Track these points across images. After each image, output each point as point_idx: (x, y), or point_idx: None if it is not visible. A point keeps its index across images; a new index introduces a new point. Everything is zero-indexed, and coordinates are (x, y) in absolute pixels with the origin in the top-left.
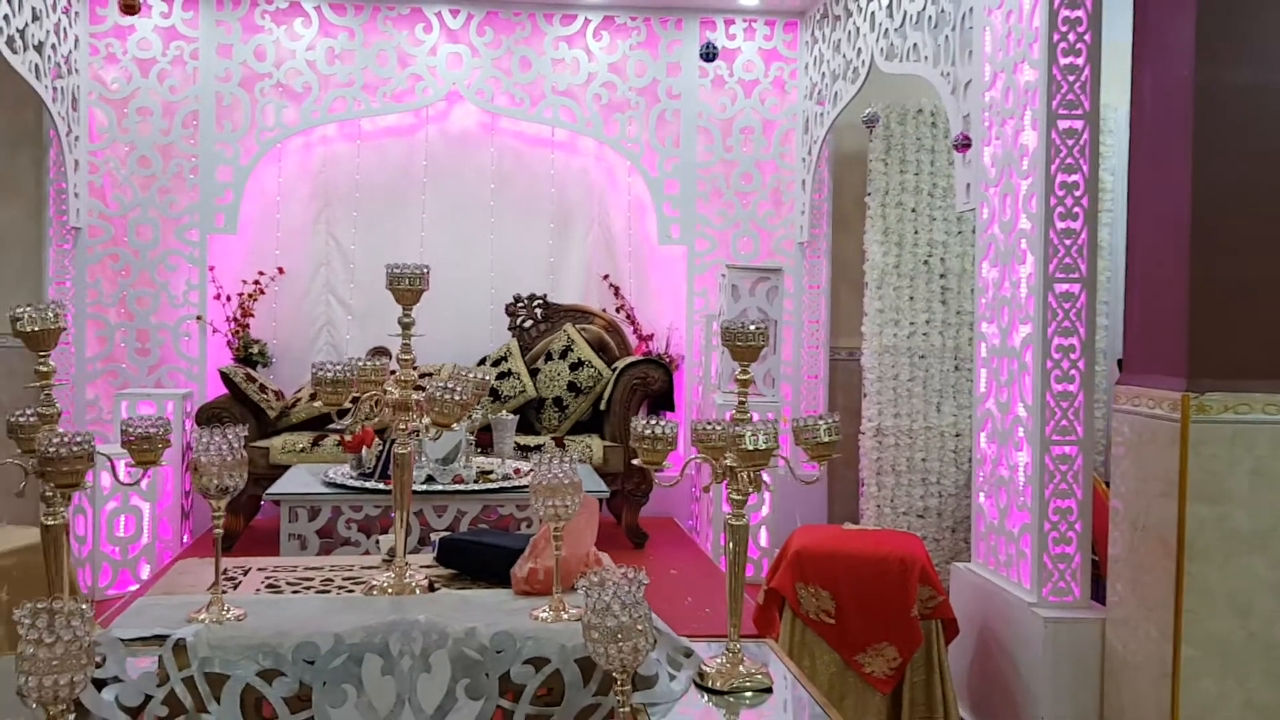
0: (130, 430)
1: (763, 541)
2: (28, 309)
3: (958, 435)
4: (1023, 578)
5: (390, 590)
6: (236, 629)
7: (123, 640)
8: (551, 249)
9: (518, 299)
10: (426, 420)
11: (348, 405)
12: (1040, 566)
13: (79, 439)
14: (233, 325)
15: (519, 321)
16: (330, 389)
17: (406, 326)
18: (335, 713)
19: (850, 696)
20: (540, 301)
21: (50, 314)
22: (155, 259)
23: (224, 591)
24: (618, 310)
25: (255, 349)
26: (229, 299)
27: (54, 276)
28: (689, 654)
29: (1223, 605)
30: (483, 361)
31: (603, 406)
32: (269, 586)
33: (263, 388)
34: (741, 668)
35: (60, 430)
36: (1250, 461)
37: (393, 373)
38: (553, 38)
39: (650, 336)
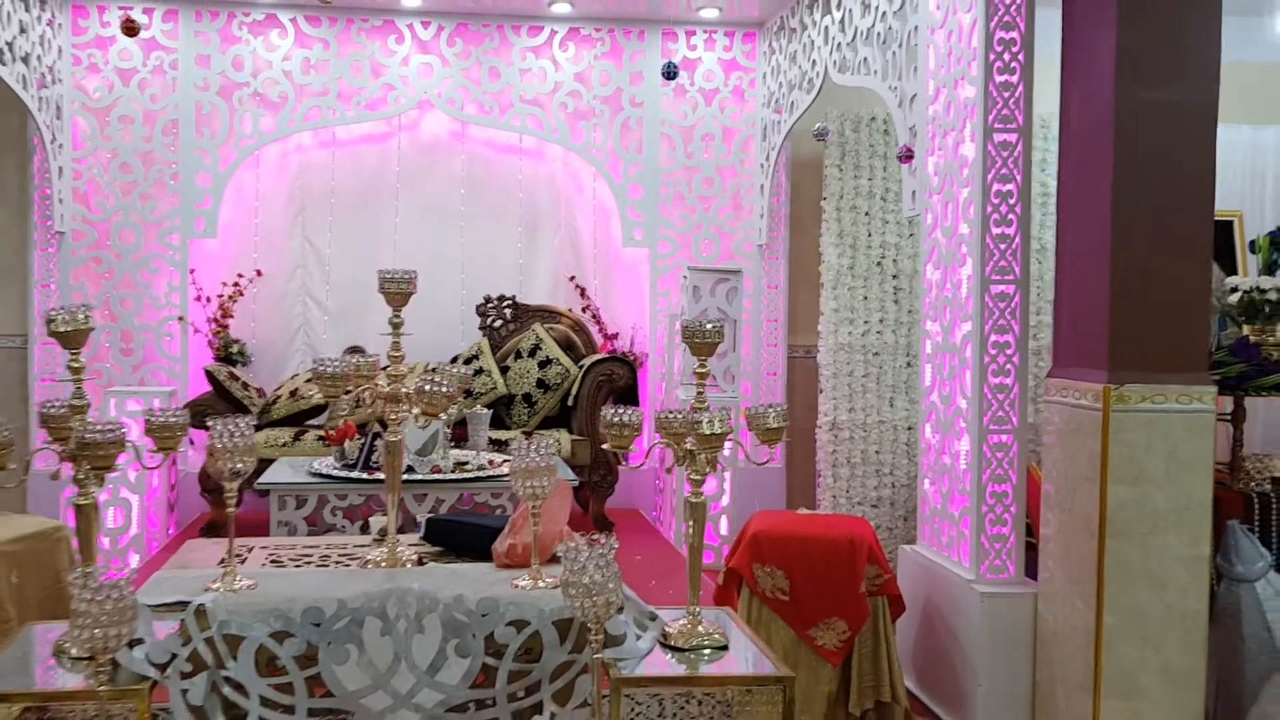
0: (153, 420)
1: (723, 529)
2: (61, 311)
3: (909, 429)
4: (963, 557)
5: (384, 564)
6: (249, 596)
7: (149, 606)
8: (520, 252)
9: (488, 300)
10: (416, 410)
11: (343, 397)
12: (978, 546)
13: (112, 427)
14: (213, 326)
15: (489, 321)
16: (329, 382)
17: (396, 326)
18: (340, 669)
19: (803, 667)
20: (510, 302)
21: (81, 315)
22: (138, 262)
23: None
24: (584, 310)
25: (235, 348)
26: (209, 300)
27: (39, 280)
28: (654, 617)
29: (1142, 579)
30: (455, 360)
31: (570, 402)
32: (273, 562)
33: (245, 385)
34: (700, 628)
35: (92, 419)
36: (1166, 447)
37: (384, 368)
38: (520, 48)
39: (615, 335)
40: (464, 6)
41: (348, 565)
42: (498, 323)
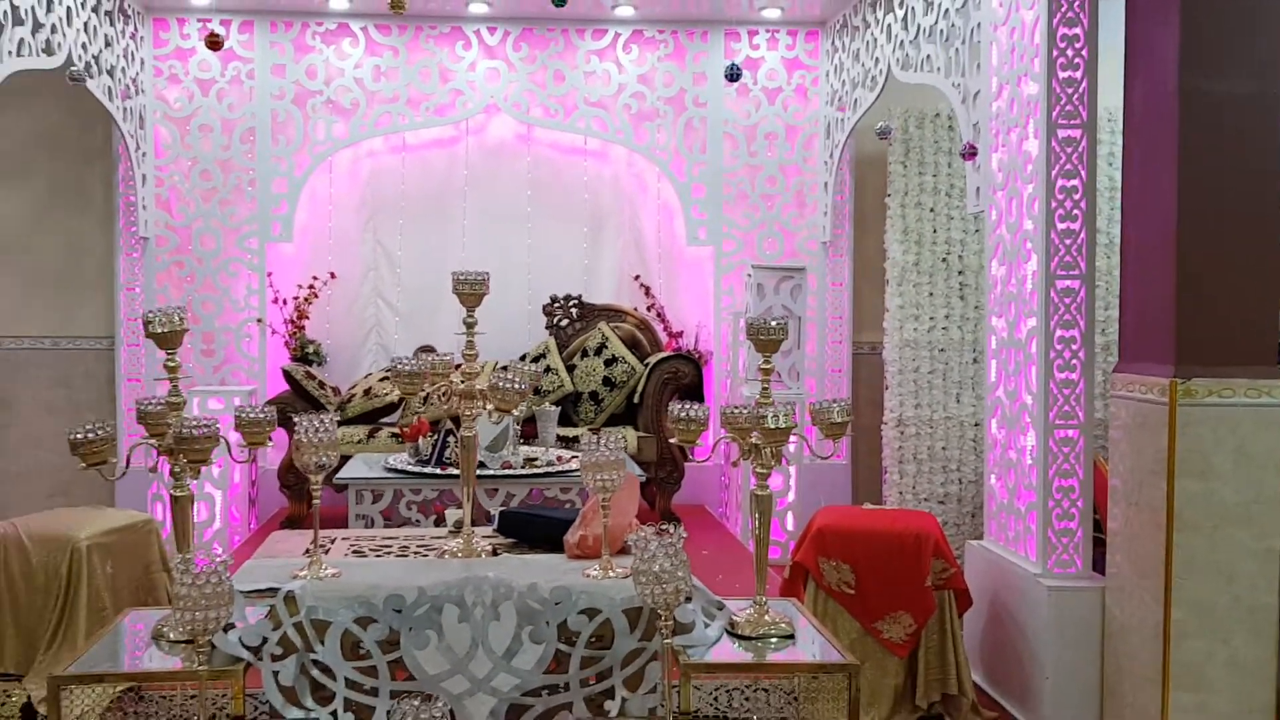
0: (243, 416)
1: (789, 525)
2: (157, 313)
3: (976, 424)
4: (1029, 552)
5: (460, 554)
6: (335, 584)
7: (241, 592)
8: (585, 252)
9: (554, 299)
10: (490, 406)
11: (421, 394)
12: (1045, 541)
13: (208, 423)
14: (289, 327)
15: (556, 321)
16: (407, 380)
17: (470, 326)
18: (420, 654)
19: (870, 660)
20: (575, 302)
21: (177, 318)
22: (217, 266)
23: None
24: (648, 309)
25: (310, 348)
26: (285, 303)
27: (124, 283)
28: (721, 607)
29: (1209, 572)
30: (523, 358)
31: (636, 400)
32: (354, 552)
33: (321, 384)
34: (767, 617)
35: (188, 416)
36: (1234, 441)
37: (458, 366)
38: (585, 51)
39: (679, 333)
40: (529, 11)
41: (425, 555)
42: (564, 322)
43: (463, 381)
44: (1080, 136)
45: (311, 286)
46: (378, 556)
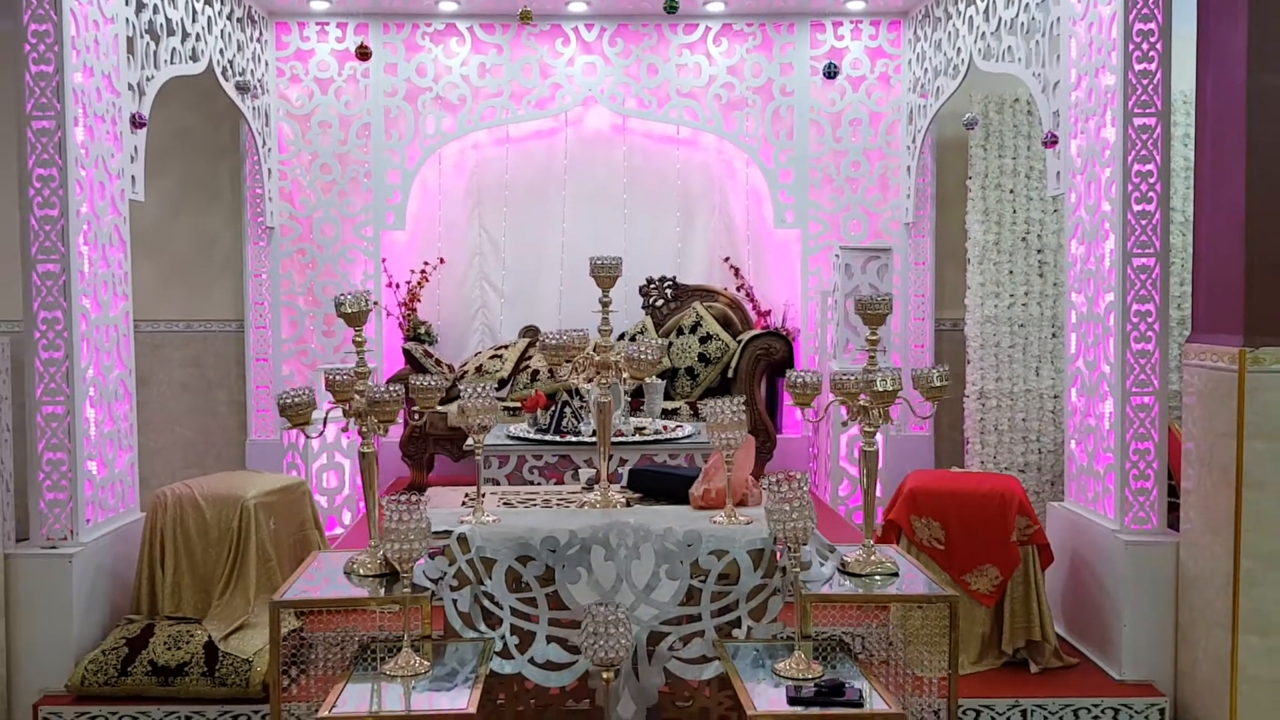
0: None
1: (877, 491)
2: (348, 296)
3: (1055, 397)
4: (1108, 510)
5: (598, 505)
6: (497, 528)
7: None
8: (678, 235)
9: (650, 281)
10: (625, 374)
11: (566, 365)
12: (1122, 500)
13: (394, 390)
14: (403, 309)
15: (651, 301)
16: (554, 352)
17: (605, 305)
18: (572, 588)
19: (960, 613)
20: (670, 282)
21: (364, 300)
22: (336, 254)
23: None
24: (738, 289)
25: (422, 329)
26: (399, 286)
27: (252, 270)
28: (833, 550)
29: (1276, 525)
30: (621, 337)
31: (730, 375)
32: (505, 504)
33: (438, 361)
34: (874, 558)
35: (373, 384)
36: None
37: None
38: (677, 45)
39: (768, 312)
40: (624, 9)
41: (566, 507)
42: (659, 302)
43: (597, 354)
44: (1155, 124)
45: (423, 271)
46: (526, 508)
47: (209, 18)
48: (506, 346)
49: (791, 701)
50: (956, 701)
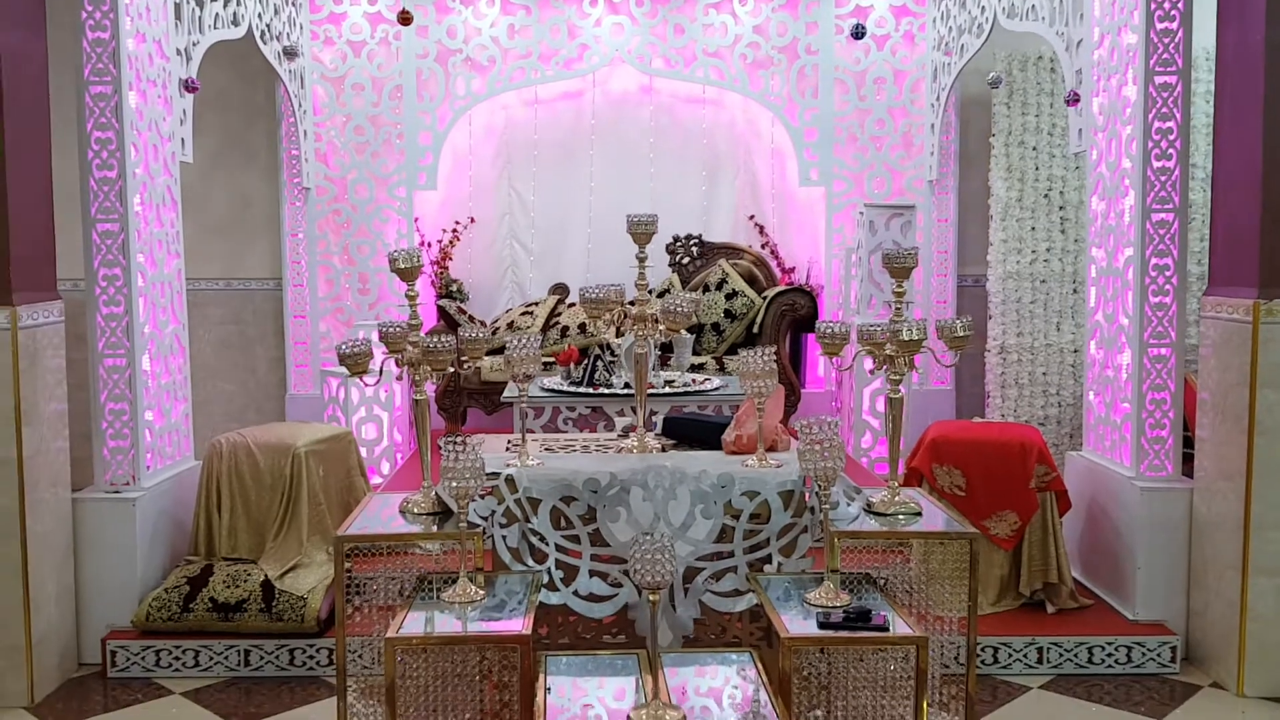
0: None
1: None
2: (401, 252)
3: (1075, 351)
4: (1124, 458)
5: (636, 450)
6: (541, 470)
7: None
8: (704, 194)
9: (676, 239)
10: (662, 326)
11: (603, 319)
12: (1139, 448)
13: (446, 341)
14: (435, 267)
15: (678, 258)
16: (593, 306)
17: (641, 260)
18: (613, 526)
19: (979, 554)
20: (696, 240)
21: (416, 256)
22: (370, 213)
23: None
24: (763, 247)
25: (454, 286)
26: (431, 245)
27: (289, 230)
28: (859, 491)
29: None
30: (653, 294)
31: (755, 330)
32: (546, 450)
33: (471, 318)
34: (898, 499)
35: (424, 335)
36: None
37: (633, 300)
38: (703, 5)
39: (792, 269)
40: None
41: (605, 452)
42: (685, 259)
43: (636, 307)
44: (1175, 82)
45: (454, 230)
46: (566, 453)
47: None
48: (537, 303)
49: (822, 626)
50: (976, 635)
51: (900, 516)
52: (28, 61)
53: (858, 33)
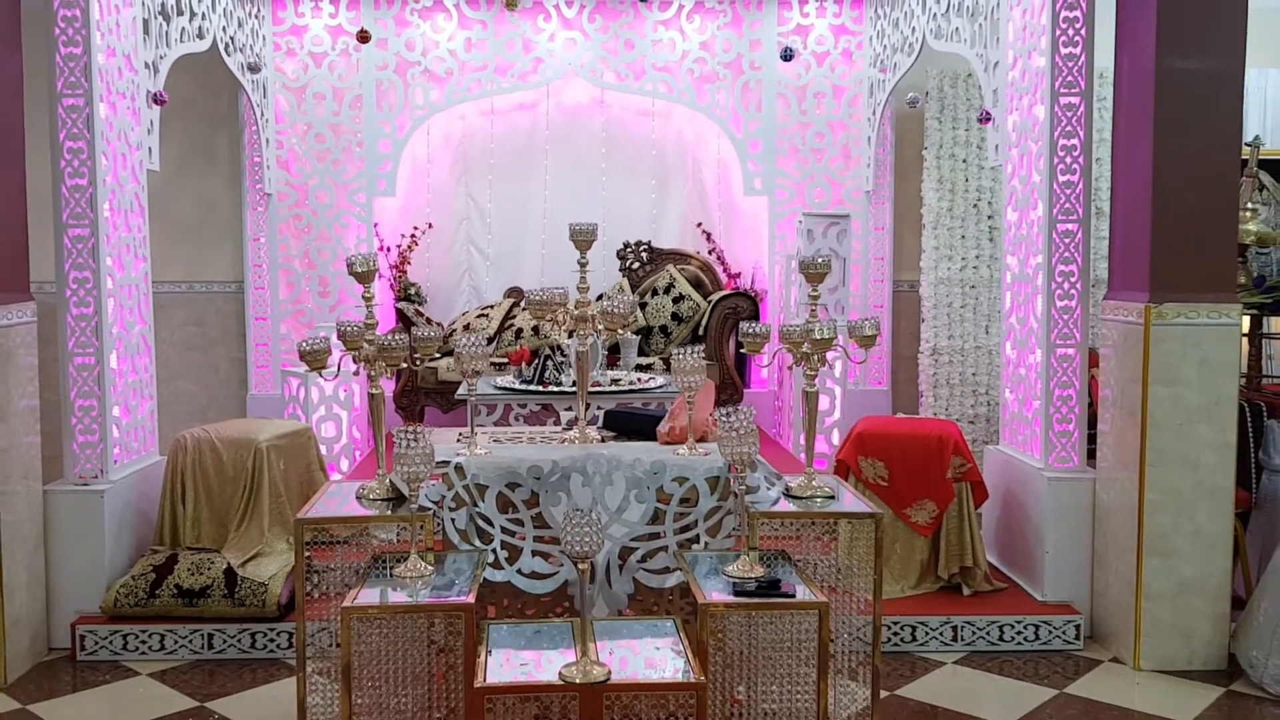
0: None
1: (835, 440)
2: (358, 257)
3: None
4: (1034, 451)
5: (577, 440)
6: (488, 459)
7: None
8: (653, 202)
9: (626, 245)
10: (601, 326)
11: (548, 320)
12: (1047, 441)
13: (400, 339)
14: (394, 271)
15: (628, 264)
16: (539, 308)
17: (583, 265)
18: (554, 510)
19: (900, 540)
20: (645, 246)
21: (372, 261)
22: (331, 219)
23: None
24: (709, 253)
25: (412, 290)
26: (390, 250)
27: (251, 234)
28: (779, 477)
29: (1176, 461)
30: (599, 298)
31: (701, 332)
32: (495, 441)
33: (428, 320)
34: (815, 483)
35: (380, 334)
36: (1198, 354)
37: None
38: (652, 22)
39: (738, 274)
40: None
41: (549, 443)
42: (635, 264)
43: (578, 309)
44: (1079, 103)
45: (412, 235)
46: (513, 443)
47: None
48: (492, 306)
49: (736, 594)
50: (881, 608)
51: (816, 499)
52: (4, 76)
53: (786, 56)
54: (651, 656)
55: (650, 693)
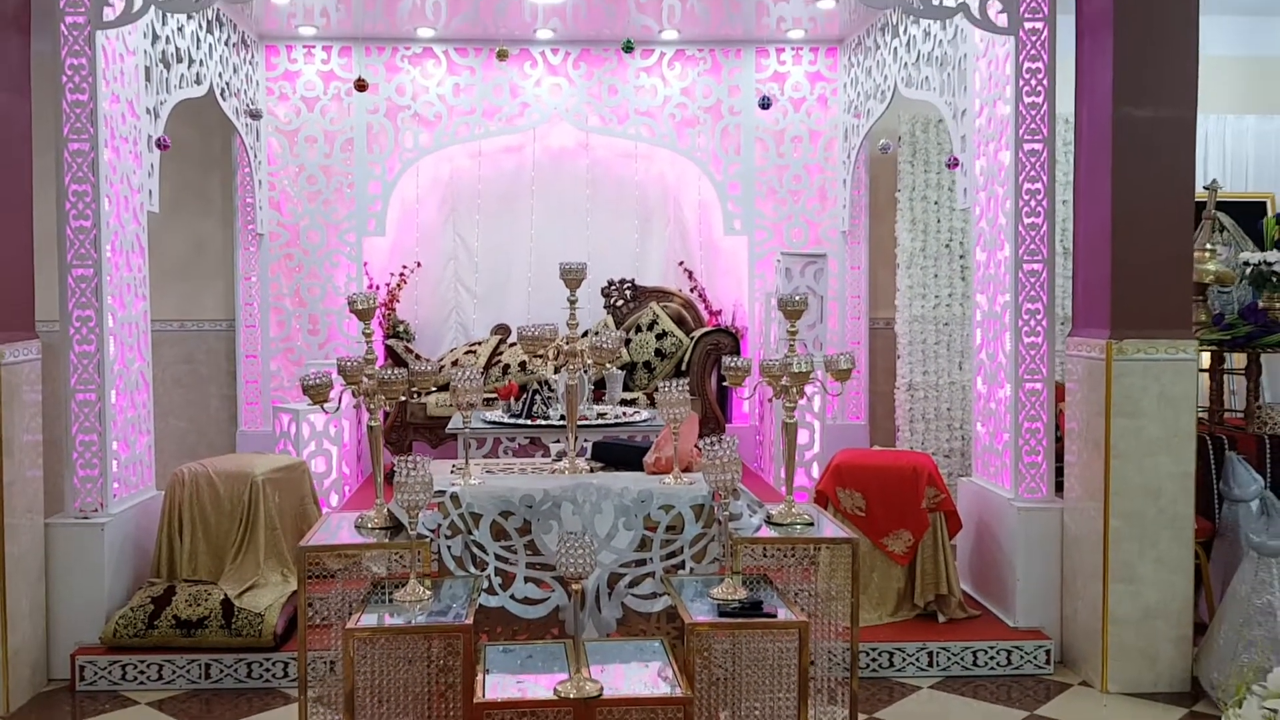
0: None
1: (814, 473)
2: (359, 295)
3: None
4: (1005, 482)
5: (567, 471)
6: (483, 488)
7: None
8: (636, 241)
9: (611, 283)
10: (590, 361)
11: (540, 353)
12: (1017, 472)
13: (399, 372)
14: (383, 309)
15: (612, 301)
16: (530, 342)
17: (573, 303)
18: (545, 537)
19: (878, 569)
20: (629, 284)
21: (372, 299)
22: (321, 258)
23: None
24: (691, 290)
25: (401, 327)
26: (379, 288)
27: (243, 273)
28: (761, 505)
29: (1139, 491)
30: (584, 334)
31: (683, 368)
32: (488, 472)
33: (417, 356)
34: (794, 510)
35: (379, 369)
36: (1157, 387)
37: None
38: (635, 68)
39: (719, 312)
40: (587, 35)
41: (540, 473)
42: (619, 302)
43: (566, 344)
44: (1042, 149)
45: (401, 274)
46: (505, 474)
47: (210, 44)
48: (480, 343)
49: (721, 614)
50: (858, 631)
51: (796, 526)
52: (14, 122)
53: (764, 104)
54: (641, 674)
55: (640, 707)
